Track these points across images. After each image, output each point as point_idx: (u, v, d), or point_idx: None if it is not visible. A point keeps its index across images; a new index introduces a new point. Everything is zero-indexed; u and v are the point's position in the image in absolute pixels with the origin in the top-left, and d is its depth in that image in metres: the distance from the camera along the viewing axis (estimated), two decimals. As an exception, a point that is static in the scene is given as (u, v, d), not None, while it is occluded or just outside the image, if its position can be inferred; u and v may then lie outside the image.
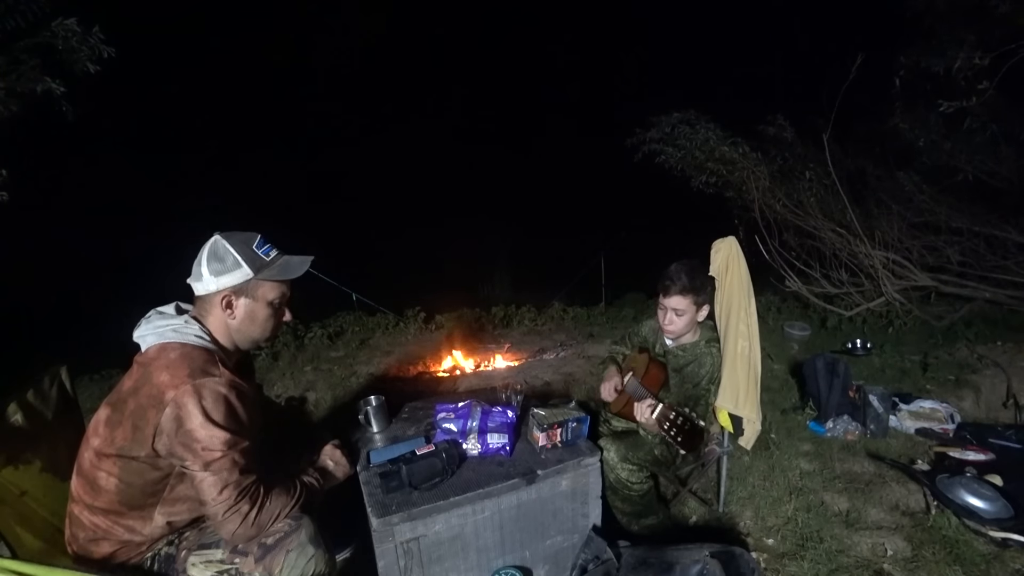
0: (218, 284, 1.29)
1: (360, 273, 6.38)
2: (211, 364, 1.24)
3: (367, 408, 1.84)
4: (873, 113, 5.20)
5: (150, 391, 1.18)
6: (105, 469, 1.22)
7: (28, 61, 3.06)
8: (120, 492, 1.22)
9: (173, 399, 1.16)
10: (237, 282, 1.30)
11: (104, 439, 1.22)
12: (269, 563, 1.20)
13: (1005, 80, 3.92)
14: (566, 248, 8.64)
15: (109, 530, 1.24)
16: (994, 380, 3.21)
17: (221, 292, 1.30)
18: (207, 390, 1.19)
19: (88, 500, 1.24)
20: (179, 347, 1.24)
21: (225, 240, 1.30)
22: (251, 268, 1.30)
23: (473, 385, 3.44)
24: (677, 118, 5.45)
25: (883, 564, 1.89)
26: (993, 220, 4.99)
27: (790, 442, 2.74)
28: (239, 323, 1.34)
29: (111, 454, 1.21)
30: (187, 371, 1.19)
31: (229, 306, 1.32)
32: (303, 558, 1.22)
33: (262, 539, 1.22)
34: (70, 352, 1.74)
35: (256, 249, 1.33)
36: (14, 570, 0.93)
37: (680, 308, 1.88)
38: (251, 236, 1.34)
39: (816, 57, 5.91)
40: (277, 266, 1.35)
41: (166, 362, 1.20)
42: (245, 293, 1.32)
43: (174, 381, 1.17)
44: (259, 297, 1.34)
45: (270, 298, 1.35)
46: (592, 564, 1.59)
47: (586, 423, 1.72)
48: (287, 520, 1.27)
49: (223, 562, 1.23)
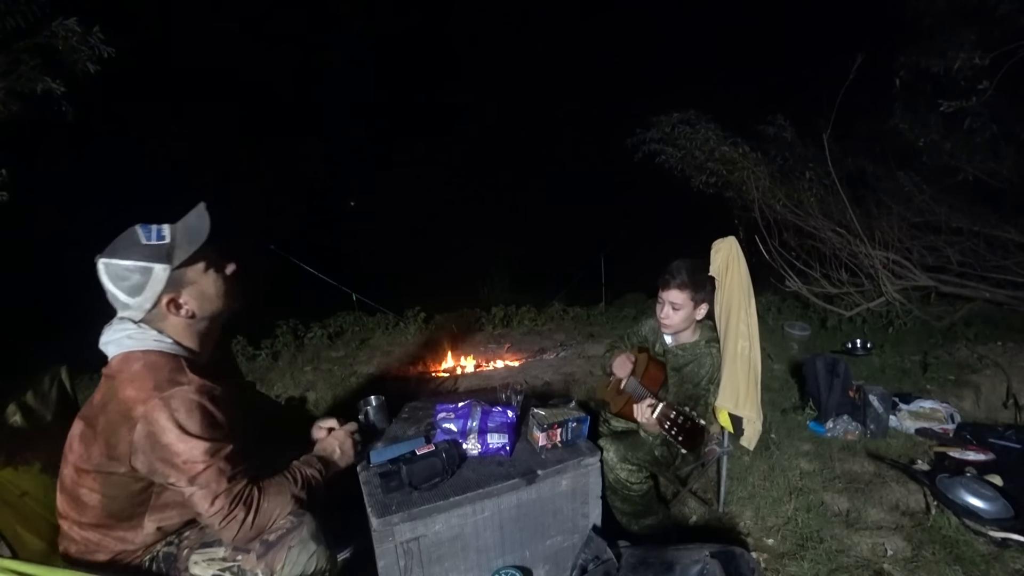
0: (146, 298, 1.18)
1: (360, 273, 6.38)
2: (177, 372, 1.18)
3: (367, 408, 1.84)
4: (873, 113, 5.20)
5: (117, 407, 1.13)
6: (87, 485, 1.18)
7: (28, 61, 3.06)
8: (105, 506, 1.19)
9: (143, 415, 1.11)
10: (162, 284, 1.18)
11: (80, 455, 1.19)
12: (271, 560, 1.20)
13: (1005, 80, 3.92)
14: (566, 248, 8.64)
15: (100, 543, 1.22)
16: (994, 380, 3.21)
17: (158, 302, 1.19)
18: (177, 401, 1.13)
19: (75, 516, 1.21)
20: (142, 356, 1.17)
21: (111, 259, 1.16)
22: (162, 262, 1.17)
23: (473, 385, 3.44)
24: (677, 118, 5.45)
25: (883, 564, 1.89)
26: (993, 220, 4.99)
27: (790, 442, 2.74)
28: (200, 311, 1.25)
29: (89, 470, 1.18)
30: (152, 383, 1.13)
31: (177, 307, 1.22)
32: (305, 554, 1.22)
33: (264, 536, 1.22)
34: (70, 352, 1.74)
35: (149, 242, 1.18)
36: (15, 570, 0.93)
37: (677, 303, 1.89)
38: (131, 235, 1.19)
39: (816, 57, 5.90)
40: (182, 239, 1.20)
41: (130, 375, 1.14)
42: (180, 285, 1.21)
43: (140, 396, 1.12)
44: (194, 278, 1.22)
45: (205, 269, 1.24)
46: (592, 564, 1.59)
47: (586, 423, 1.72)
48: (289, 517, 1.25)
49: (225, 560, 1.23)
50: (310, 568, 1.22)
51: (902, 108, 4.89)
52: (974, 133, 4.59)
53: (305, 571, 1.22)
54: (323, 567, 1.25)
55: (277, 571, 1.19)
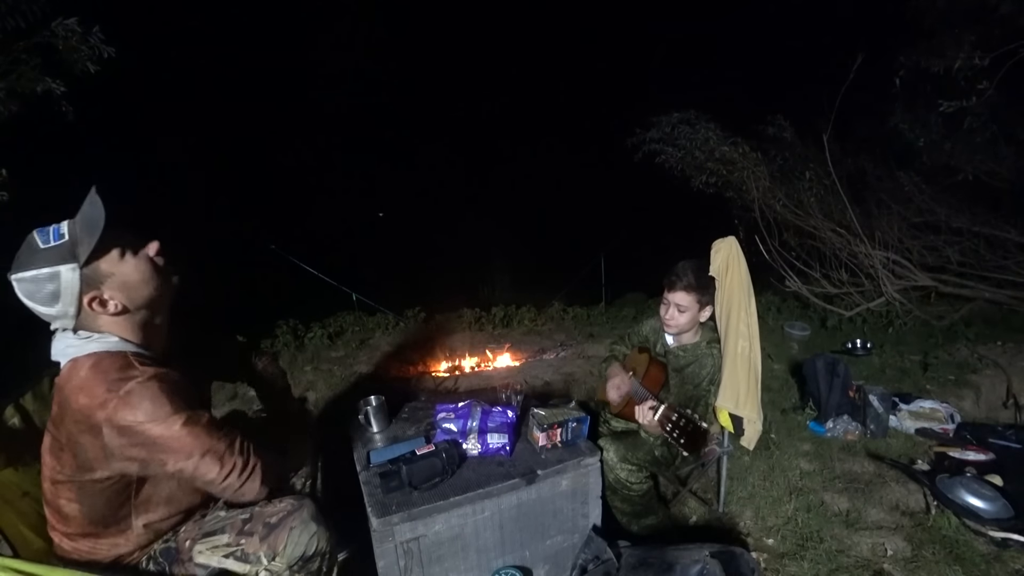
0: (66, 304, 1.10)
1: (360, 273, 6.39)
2: (126, 367, 1.12)
3: (367, 408, 1.84)
4: (873, 113, 5.21)
5: (75, 417, 1.10)
6: (64, 496, 1.17)
7: (28, 61, 3.06)
8: (86, 515, 1.18)
9: (106, 419, 1.07)
10: (77, 286, 1.09)
11: (53, 468, 1.17)
12: (274, 541, 1.22)
13: (1005, 80, 3.93)
14: (566, 248, 8.65)
15: (92, 551, 1.22)
16: (994, 380, 3.21)
17: (80, 306, 1.11)
18: (135, 395, 1.09)
19: (62, 528, 1.21)
20: (87, 360, 1.12)
21: (16, 273, 1.08)
22: (69, 263, 1.08)
23: (473, 385, 3.44)
24: (677, 118, 5.46)
25: (883, 564, 1.89)
26: (993, 220, 5.00)
27: (790, 442, 2.74)
28: (130, 302, 1.16)
29: (64, 481, 1.16)
30: (104, 387, 1.08)
31: (103, 304, 1.13)
32: (306, 534, 1.24)
33: (267, 519, 1.24)
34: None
35: (48, 245, 1.08)
36: (17, 569, 0.94)
37: (683, 304, 1.88)
38: (29, 243, 1.10)
39: (816, 57, 5.91)
40: (83, 235, 1.09)
41: (79, 383, 1.09)
42: (98, 281, 1.11)
43: (96, 402, 1.07)
44: (110, 269, 1.12)
45: (120, 257, 1.14)
46: (592, 564, 1.59)
47: (586, 423, 1.72)
48: (289, 500, 1.28)
49: (229, 545, 1.24)
50: (312, 548, 1.24)
51: (902, 108, 4.90)
52: (974, 133, 4.61)
53: (307, 551, 1.23)
54: (324, 548, 1.27)
55: (280, 551, 1.21)
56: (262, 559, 1.21)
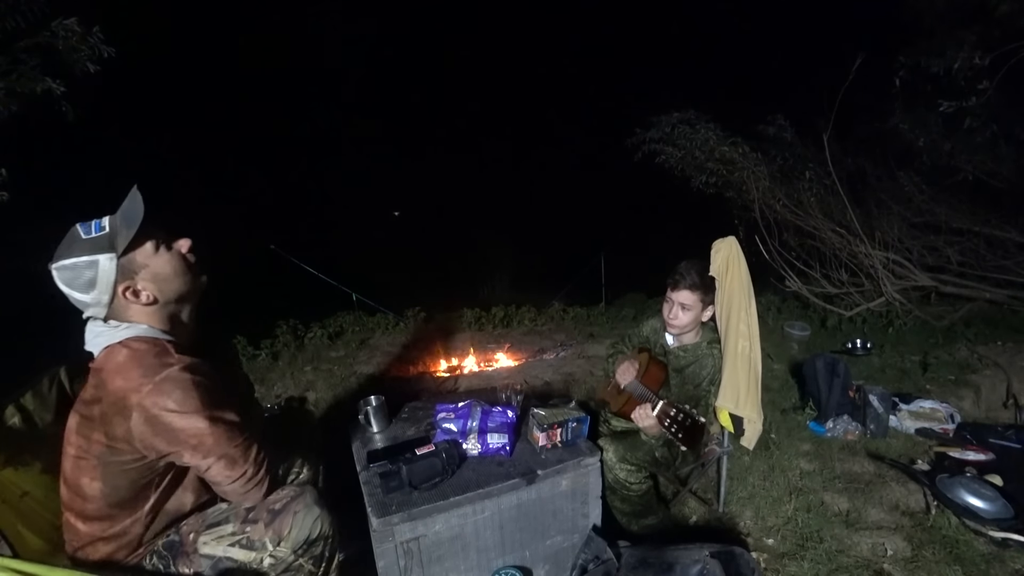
0: (101, 292, 1.16)
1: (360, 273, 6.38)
2: (163, 354, 1.17)
3: (367, 408, 1.84)
4: (873, 113, 5.21)
5: (110, 399, 1.14)
6: (87, 475, 1.19)
7: (28, 61, 3.06)
8: (106, 496, 1.20)
9: (138, 404, 1.11)
10: (113, 275, 1.15)
11: (79, 447, 1.20)
12: (278, 526, 1.25)
13: (1005, 80, 3.93)
14: (566, 248, 8.65)
15: (103, 534, 1.24)
16: (994, 380, 3.21)
17: (114, 294, 1.17)
18: (169, 383, 1.13)
19: (78, 508, 1.23)
20: (124, 346, 1.17)
21: (58, 261, 1.14)
22: (107, 252, 1.14)
23: (473, 385, 3.44)
24: (677, 118, 5.46)
25: (883, 564, 1.89)
26: (993, 220, 5.00)
27: (790, 442, 2.74)
28: (160, 294, 1.22)
29: (90, 459, 1.19)
30: (141, 371, 1.13)
31: (136, 295, 1.19)
32: (310, 517, 1.27)
33: (270, 506, 1.27)
34: (69, 353, 1.74)
35: (89, 236, 1.15)
36: (16, 569, 0.94)
37: (687, 304, 1.89)
38: (71, 234, 1.17)
39: (816, 57, 5.91)
40: (122, 226, 1.17)
41: (115, 366, 1.14)
42: (133, 271, 1.18)
43: (131, 385, 1.12)
44: (145, 261, 1.19)
45: (154, 251, 1.21)
46: (592, 564, 1.59)
47: (586, 423, 1.72)
48: (291, 488, 1.32)
49: (235, 534, 1.26)
50: (315, 531, 1.27)
51: (902, 108, 4.90)
52: (974, 133, 4.61)
53: (311, 534, 1.27)
54: (327, 532, 1.30)
55: (285, 536, 1.24)
56: (267, 545, 1.24)
